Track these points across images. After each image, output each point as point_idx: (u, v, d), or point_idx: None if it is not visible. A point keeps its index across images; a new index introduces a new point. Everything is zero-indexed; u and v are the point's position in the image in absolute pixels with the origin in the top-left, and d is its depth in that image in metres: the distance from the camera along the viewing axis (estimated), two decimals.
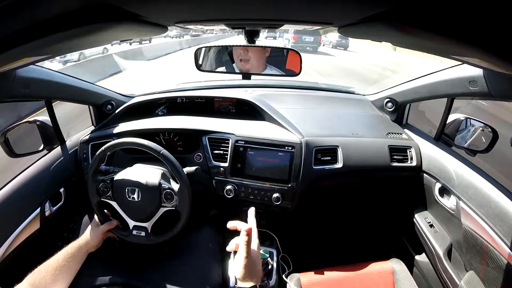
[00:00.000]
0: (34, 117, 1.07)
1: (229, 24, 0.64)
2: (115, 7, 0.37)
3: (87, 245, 0.85)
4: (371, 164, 1.14)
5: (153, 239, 0.91)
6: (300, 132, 1.12)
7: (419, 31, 0.38)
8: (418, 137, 1.23)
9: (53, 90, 1.00)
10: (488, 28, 0.31)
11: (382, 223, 1.50)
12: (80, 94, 1.16)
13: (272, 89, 1.57)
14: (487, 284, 0.84)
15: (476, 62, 0.47)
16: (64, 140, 1.15)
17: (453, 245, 1.02)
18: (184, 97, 1.34)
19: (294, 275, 1.03)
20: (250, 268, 0.58)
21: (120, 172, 0.92)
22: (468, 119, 1.06)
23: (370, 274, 1.03)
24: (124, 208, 0.91)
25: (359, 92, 1.60)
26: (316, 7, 0.43)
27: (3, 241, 0.85)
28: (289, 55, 1.03)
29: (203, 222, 1.14)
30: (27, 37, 0.36)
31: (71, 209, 1.12)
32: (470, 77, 0.86)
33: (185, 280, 0.85)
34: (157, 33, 0.58)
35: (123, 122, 1.19)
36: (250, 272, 0.58)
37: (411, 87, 1.23)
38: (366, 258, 1.09)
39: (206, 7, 0.44)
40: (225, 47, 1.07)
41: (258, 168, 1.09)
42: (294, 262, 1.11)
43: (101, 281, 0.80)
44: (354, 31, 0.55)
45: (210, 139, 1.12)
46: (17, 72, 0.78)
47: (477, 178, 0.92)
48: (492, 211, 0.83)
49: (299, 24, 0.64)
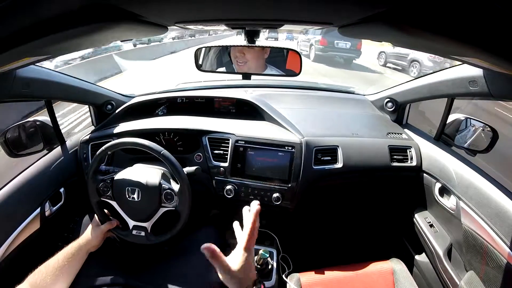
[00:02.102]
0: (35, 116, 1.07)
1: (229, 24, 0.64)
2: (115, 7, 0.37)
3: (87, 245, 0.85)
4: (371, 164, 1.14)
5: (153, 239, 0.91)
6: (300, 132, 1.12)
7: (419, 31, 0.38)
8: (418, 137, 1.23)
9: (53, 90, 1.00)
10: (488, 28, 0.31)
11: (382, 223, 1.50)
12: (80, 94, 1.16)
13: (272, 89, 1.57)
14: (487, 284, 0.84)
15: (476, 62, 0.47)
16: (64, 140, 1.15)
17: (453, 245, 1.02)
18: (184, 97, 1.34)
19: (294, 275, 1.03)
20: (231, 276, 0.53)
21: (120, 172, 0.93)
22: (468, 119, 1.06)
23: (370, 274, 1.03)
24: (124, 208, 0.91)
25: (359, 92, 1.60)
26: (316, 7, 0.43)
27: (3, 241, 0.85)
28: (289, 55, 1.03)
29: (203, 222, 1.14)
30: (27, 37, 0.36)
31: (71, 209, 1.12)
32: (470, 77, 0.86)
33: (185, 280, 0.85)
34: (157, 33, 0.58)
35: (123, 122, 1.19)
36: (230, 280, 0.53)
37: (411, 87, 1.23)
38: (366, 258, 1.09)
39: (206, 7, 0.44)
40: (225, 48, 1.07)
41: (258, 168, 1.09)
42: (294, 262, 1.11)
43: (101, 281, 0.80)
44: (354, 31, 0.55)
45: (210, 139, 1.12)
46: (17, 72, 0.78)
47: (477, 178, 0.92)
48: (492, 211, 0.83)
49: (299, 24, 0.64)
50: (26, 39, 0.36)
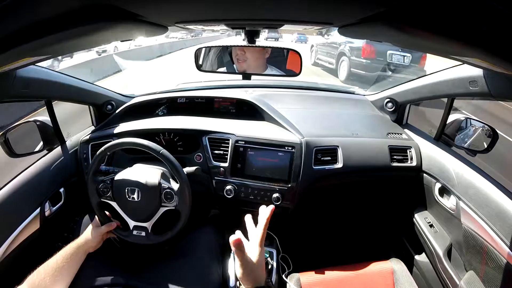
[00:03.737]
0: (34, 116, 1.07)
1: (229, 24, 0.64)
2: (115, 7, 0.37)
3: (86, 245, 0.85)
4: (371, 164, 1.14)
5: (153, 239, 0.91)
6: (300, 132, 1.12)
7: (419, 31, 0.38)
8: (418, 137, 1.23)
9: (53, 90, 1.00)
10: (488, 28, 0.31)
11: (382, 223, 1.50)
12: (80, 94, 1.16)
13: (272, 89, 1.57)
14: (487, 284, 0.84)
15: (476, 62, 0.47)
16: (64, 140, 1.15)
17: (453, 245, 1.02)
18: (184, 97, 1.34)
19: (294, 275, 1.03)
20: (249, 270, 0.58)
21: (120, 172, 0.93)
22: (468, 119, 1.06)
23: (370, 274, 1.03)
24: (124, 208, 0.91)
25: (359, 92, 1.60)
26: (316, 7, 0.43)
27: (3, 241, 0.85)
28: (290, 55, 1.03)
29: (203, 222, 1.14)
30: (27, 37, 0.36)
31: (71, 209, 1.12)
32: (470, 77, 0.86)
33: (185, 280, 0.85)
34: (157, 33, 0.58)
35: (123, 122, 1.19)
36: (249, 275, 0.58)
37: (411, 87, 1.23)
38: (366, 258, 1.09)
39: (206, 7, 0.44)
40: (226, 48, 1.07)
41: (258, 168, 1.09)
42: (294, 262, 1.11)
43: (101, 281, 0.80)
44: (354, 31, 0.55)
45: (210, 139, 1.12)
46: (17, 72, 0.78)
47: (477, 178, 0.92)
48: (492, 211, 0.83)
49: (299, 24, 0.64)
50: (26, 39, 0.36)
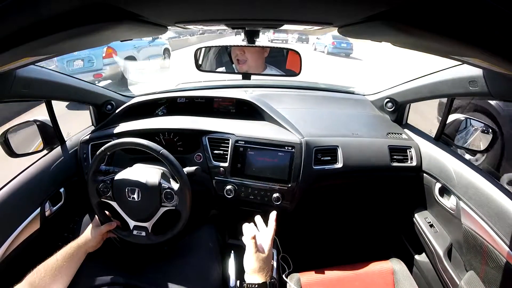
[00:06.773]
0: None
1: (229, 24, 0.64)
2: (115, 7, 0.37)
3: (86, 245, 0.85)
4: (371, 164, 1.14)
5: (153, 239, 0.91)
6: (300, 132, 1.12)
7: (419, 31, 0.38)
8: (418, 137, 1.23)
9: (53, 90, 1.00)
10: (488, 28, 0.31)
11: (382, 223, 1.50)
12: (80, 94, 1.16)
13: (272, 89, 1.56)
14: (487, 284, 0.84)
15: (476, 62, 0.47)
16: (64, 140, 1.15)
17: (453, 245, 1.02)
18: (184, 97, 1.34)
19: (294, 275, 1.03)
20: (262, 263, 0.68)
21: (120, 172, 0.92)
22: (468, 119, 1.06)
23: (370, 274, 1.03)
24: (124, 208, 0.91)
25: (359, 92, 1.60)
26: (316, 7, 0.43)
27: (3, 241, 0.85)
28: (289, 55, 1.03)
29: (203, 222, 1.14)
30: (27, 37, 0.36)
31: (71, 209, 1.12)
32: (470, 77, 0.86)
33: (185, 280, 0.85)
34: (157, 33, 0.58)
35: (123, 122, 1.19)
36: (261, 266, 0.68)
37: (411, 87, 1.23)
38: (366, 258, 1.09)
39: (206, 7, 0.44)
40: (225, 48, 1.07)
41: (258, 168, 1.09)
42: (294, 262, 1.11)
43: (101, 281, 0.80)
44: (354, 31, 0.55)
45: (210, 139, 1.12)
46: (17, 72, 0.78)
47: (477, 178, 0.92)
48: (492, 211, 0.83)
49: (299, 24, 0.64)
50: (26, 39, 0.36)
